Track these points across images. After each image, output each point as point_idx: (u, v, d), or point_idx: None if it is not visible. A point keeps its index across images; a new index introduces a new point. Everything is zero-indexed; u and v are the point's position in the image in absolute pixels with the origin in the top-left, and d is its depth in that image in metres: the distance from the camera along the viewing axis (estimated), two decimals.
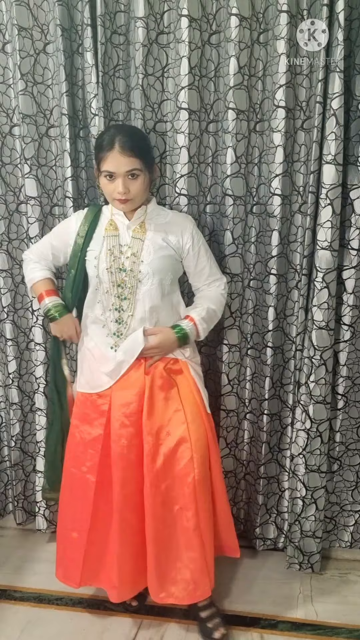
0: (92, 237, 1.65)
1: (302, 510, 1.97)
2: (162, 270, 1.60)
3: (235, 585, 1.96)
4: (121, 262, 1.60)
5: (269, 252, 1.87)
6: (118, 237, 1.62)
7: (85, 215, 1.68)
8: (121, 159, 1.49)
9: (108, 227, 1.64)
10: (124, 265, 1.59)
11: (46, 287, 1.73)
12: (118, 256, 1.60)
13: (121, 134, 1.51)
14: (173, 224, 1.66)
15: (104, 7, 1.74)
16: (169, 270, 1.63)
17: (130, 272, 1.59)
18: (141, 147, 1.54)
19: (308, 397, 1.89)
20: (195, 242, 1.66)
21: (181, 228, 1.66)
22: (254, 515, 2.11)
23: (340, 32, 1.61)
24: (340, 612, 1.85)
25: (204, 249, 1.69)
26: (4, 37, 1.87)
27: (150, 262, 1.59)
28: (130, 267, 1.59)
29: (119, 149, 1.49)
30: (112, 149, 1.49)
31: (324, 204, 1.73)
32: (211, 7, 1.78)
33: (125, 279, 1.59)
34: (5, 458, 2.27)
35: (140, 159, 1.52)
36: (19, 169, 1.96)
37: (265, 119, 1.83)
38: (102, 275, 1.61)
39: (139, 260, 1.59)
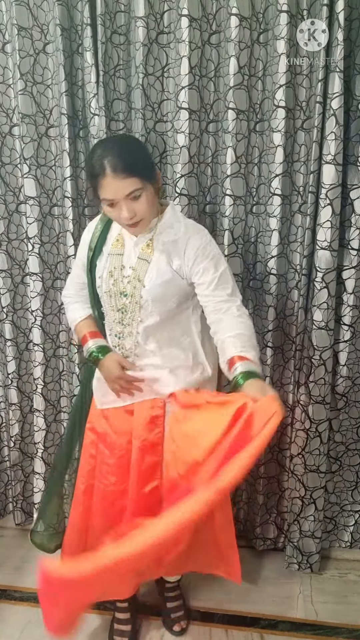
0: (101, 252, 1.52)
1: (301, 510, 1.97)
2: (164, 297, 1.44)
3: (235, 585, 1.96)
4: (123, 285, 1.46)
5: (269, 252, 1.87)
6: (122, 256, 1.48)
7: (95, 227, 1.55)
8: (116, 183, 1.31)
9: (115, 243, 1.50)
10: (125, 289, 1.46)
11: (89, 327, 1.58)
12: (119, 279, 1.47)
13: (109, 155, 1.31)
14: (180, 242, 1.44)
15: (104, 7, 1.73)
16: (172, 296, 1.45)
17: (132, 297, 1.45)
18: (135, 163, 1.34)
19: (307, 397, 1.89)
20: (198, 261, 1.42)
21: (185, 246, 1.43)
22: (254, 515, 2.11)
23: (340, 32, 1.61)
24: (340, 612, 1.85)
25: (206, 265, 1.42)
26: (4, 37, 1.86)
27: (150, 289, 1.42)
28: (131, 291, 1.45)
29: (112, 173, 1.30)
30: (105, 175, 1.31)
31: (323, 204, 1.73)
32: (211, 7, 1.78)
33: (126, 304, 1.46)
34: (5, 458, 2.27)
35: (138, 176, 1.32)
36: (19, 169, 1.96)
37: (265, 119, 1.82)
38: (102, 297, 1.51)
39: (141, 284, 1.43)
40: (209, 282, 1.42)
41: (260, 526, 2.10)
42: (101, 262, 1.51)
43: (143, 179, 1.34)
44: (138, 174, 1.33)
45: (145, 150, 1.49)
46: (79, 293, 1.64)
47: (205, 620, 1.80)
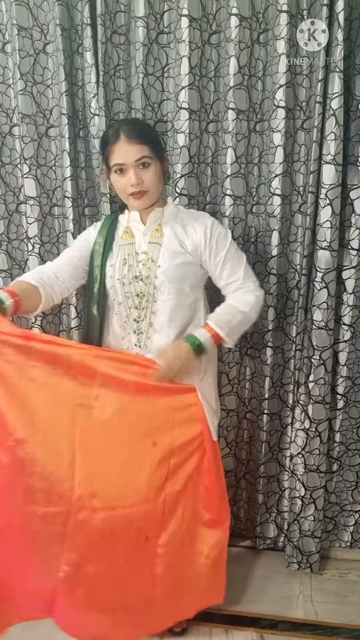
0: (110, 248, 1.57)
1: (301, 509, 1.97)
2: (179, 278, 1.50)
3: (235, 585, 1.96)
4: (138, 270, 1.51)
5: (269, 252, 1.87)
6: (134, 244, 1.54)
7: (102, 225, 1.62)
8: (129, 147, 1.43)
9: (124, 235, 1.57)
10: (141, 272, 1.51)
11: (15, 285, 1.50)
12: (134, 264, 1.52)
13: (125, 124, 1.46)
14: (189, 226, 1.54)
15: (104, 7, 1.73)
16: (187, 277, 1.51)
17: (147, 278, 1.50)
18: (147, 133, 1.48)
19: (307, 397, 1.89)
20: (209, 239, 1.51)
21: (195, 228, 1.53)
22: (254, 514, 2.11)
23: (340, 32, 1.61)
24: (340, 612, 1.85)
25: (219, 245, 1.51)
26: (4, 37, 1.86)
27: (166, 270, 1.49)
28: (147, 273, 1.50)
29: (125, 138, 1.43)
30: (118, 140, 1.43)
31: (323, 204, 1.73)
32: (211, 7, 1.78)
33: (143, 288, 1.51)
34: None
35: (148, 145, 1.44)
36: (19, 169, 1.96)
37: (265, 119, 1.83)
38: (116, 285, 1.53)
39: (156, 265, 1.49)
40: (217, 262, 1.52)
41: (260, 525, 2.10)
42: (112, 254, 1.56)
43: (153, 150, 1.45)
44: (149, 143, 1.45)
45: (158, 133, 1.66)
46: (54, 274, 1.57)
47: (205, 620, 1.80)
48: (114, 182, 1.50)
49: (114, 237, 1.58)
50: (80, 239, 1.66)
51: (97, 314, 1.59)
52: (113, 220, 1.61)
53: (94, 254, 1.58)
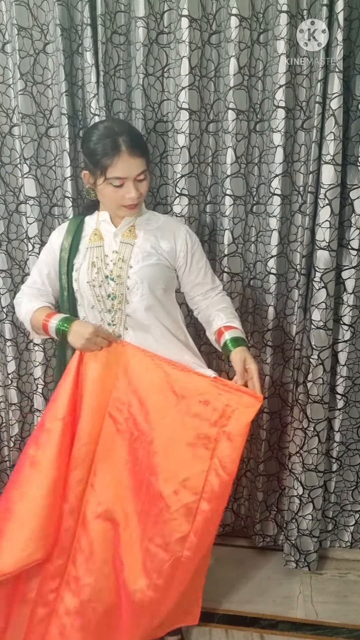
0: (77, 250, 1.51)
1: (299, 508, 1.97)
2: (152, 279, 1.46)
3: (235, 585, 1.96)
4: (109, 270, 1.46)
5: (269, 251, 1.87)
6: (102, 247, 1.48)
7: (67, 229, 1.55)
8: (132, 161, 1.36)
9: (92, 237, 1.50)
10: (112, 272, 1.46)
11: (46, 312, 1.53)
12: (102, 267, 1.46)
13: (124, 133, 1.37)
14: (165, 230, 1.52)
15: (104, 7, 1.73)
16: (159, 278, 1.48)
17: (119, 278, 1.45)
18: (145, 144, 1.45)
19: (305, 397, 1.89)
20: (190, 247, 1.52)
21: (174, 233, 1.51)
22: (254, 512, 2.11)
23: (340, 32, 1.61)
24: (340, 612, 1.85)
25: (199, 254, 1.55)
26: (4, 37, 1.86)
27: (139, 270, 1.45)
28: (118, 273, 1.45)
29: (128, 151, 1.35)
30: (120, 153, 1.35)
31: (322, 204, 1.73)
32: (211, 7, 1.78)
33: (115, 289, 1.46)
34: (5, 458, 2.27)
35: (146, 157, 1.41)
36: (19, 169, 1.96)
37: (265, 119, 1.83)
38: (84, 289, 1.48)
39: (127, 265, 1.45)
40: (200, 268, 1.55)
41: (259, 523, 2.10)
42: (79, 258, 1.50)
43: (147, 161, 1.42)
44: (147, 155, 1.42)
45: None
46: (34, 292, 1.59)
47: (205, 620, 1.80)
48: (106, 193, 1.42)
49: (80, 240, 1.52)
50: (45, 253, 1.58)
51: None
52: (79, 223, 1.55)
53: (61, 262, 1.52)
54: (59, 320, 1.48)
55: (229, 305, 1.58)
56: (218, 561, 2.08)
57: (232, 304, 1.61)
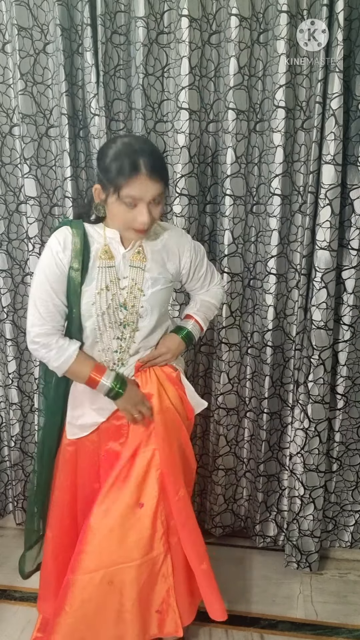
0: (87, 269, 1.38)
1: (300, 509, 1.97)
2: (160, 303, 1.45)
3: (235, 585, 1.96)
4: (123, 298, 1.40)
5: (269, 251, 1.87)
6: (114, 267, 1.39)
7: (73, 243, 1.37)
8: (149, 184, 1.28)
9: (103, 255, 1.38)
10: (125, 301, 1.40)
11: (90, 364, 1.42)
12: (117, 293, 1.39)
13: (146, 154, 1.27)
14: (170, 249, 1.46)
15: (104, 7, 1.74)
16: (166, 300, 1.49)
17: (132, 307, 1.40)
18: (166, 168, 1.35)
19: (306, 397, 1.89)
20: (193, 261, 1.50)
21: (179, 252, 1.48)
22: (254, 513, 2.11)
23: (340, 32, 1.61)
24: (340, 612, 1.85)
25: (201, 264, 1.54)
26: (4, 37, 1.87)
27: (149, 297, 1.41)
28: (132, 302, 1.40)
29: (148, 174, 1.27)
30: (139, 173, 1.26)
31: (323, 204, 1.73)
32: (211, 7, 1.78)
33: (127, 317, 1.41)
34: (5, 458, 2.27)
35: (164, 183, 1.32)
36: (19, 169, 1.96)
37: (265, 119, 1.83)
38: (99, 314, 1.39)
39: (141, 293, 1.40)
40: (199, 277, 1.57)
41: (260, 523, 2.10)
42: (91, 279, 1.38)
43: (165, 187, 1.34)
44: (165, 181, 1.33)
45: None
46: (58, 324, 1.42)
47: (205, 620, 1.79)
48: (117, 212, 1.33)
49: (89, 257, 1.39)
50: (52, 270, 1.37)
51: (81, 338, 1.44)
52: (82, 234, 1.38)
53: (71, 281, 1.37)
54: (112, 381, 1.42)
55: (210, 298, 1.61)
56: (218, 561, 2.08)
57: (218, 295, 1.63)
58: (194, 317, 1.57)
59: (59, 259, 1.36)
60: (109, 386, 1.41)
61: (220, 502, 2.13)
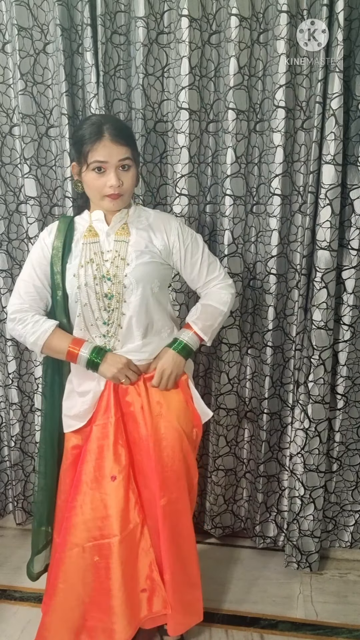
0: (70, 249, 1.47)
1: (300, 509, 1.97)
2: (147, 277, 1.45)
3: (235, 585, 1.96)
4: (105, 269, 1.43)
5: (269, 251, 1.87)
6: (99, 243, 1.46)
7: (57, 228, 1.50)
8: (113, 147, 1.36)
9: (87, 233, 1.47)
10: (109, 272, 1.43)
11: (67, 338, 1.46)
12: (101, 264, 1.44)
13: (108, 122, 1.38)
14: (157, 226, 1.50)
15: (104, 7, 1.74)
16: (154, 277, 1.46)
17: (115, 277, 1.43)
18: (131, 135, 1.45)
19: (307, 397, 1.89)
20: (183, 241, 1.49)
21: (165, 228, 1.49)
22: (254, 513, 2.11)
23: (340, 32, 1.61)
24: (340, 612, 1.85)
25: (193, 247, 1.52)
26: (4, 37, 1.87)
27: (134, 268, 1.43)
28: (114, 272, 1.43)
29: (110, 137, 1.36)
30: (102, 138, 1.36)
31: (323, 204, 1.73)
32: (211, 7, 1.78)
33: (111, 288, 1.43)
34: (5, 458, 2.27)
35: (130, 148, 1.40)
36: (19, 169, 1.96)
37: (265, 119, 1.83)
38: (82, 286, 1.43)
39: (125, 263, 1.43)
40: (194, 262, 1.53)
41: (260, 524, 2.10)
42: (73, 256, 1.46)
43: (133, 153, 1.42)
44: (132, 145, 1.42)
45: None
46: (37, 306, 1.49)
47: (205, 620, 1.79)
48: (89, 181, 1.41)
49: (72, 239, 1.48)
50: (37, 254, 1.50)
51: (67, 322, 1.50)
52: (69, 222, 1.51)
53: (53, 260, 1.47)
54: (90, 351, 1.44)
55: (213, 302, 1.55)
56: (218, 561, 2.08)
57: (223, 297, 1.55)
58: (192, 328, 1.52)
59: (44, 243, 1.49)
60: (87, 357, 1.44)
61: (220, 502, 2.13)
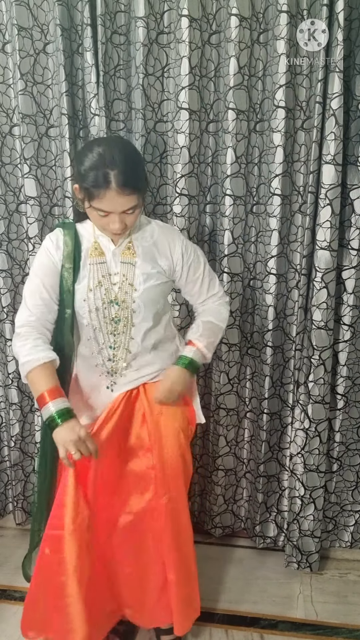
0: (78, 267, 1.42)
1: (300, 509, 1.97)
2: (155, 300, 1.44)
3: (235, 585, 1.96)
4: (114, 293, 1.42)
5: (269, 251, 1.87)
6: (106, 264, 1.42)
7: (64, 242, 1.42)
8: (119, 199, 1.28)
9: (93, 252, 1.42)
10: (117, 297, 1.41)
11: (48, 382, 1.37)
12: (109, 288, 1.42)
13: (116, 168, 1.26)
14: (161, 245, 1.47)
15: (104, 7, 1.74)
16: (160, 297, 1.47)
17: (123, 302, 1.41)
18: (140, 179, 1.33)
19: (307, 397, 1.89)
20: (187, 259, 1.48)
21: (170, 245, 1.47)
22: (254, 513, 2.11)
23: (340, 32, 1.61)
24: (340, 612, 1.85)
25: (195, 264, 1.51)
26: (4, 37, 1.87)
27: (142, 293, 1.42)
28: (123, 297, 1.41)
29: (117, 189, 1.26)
30: (108, 188, 1.26)
31: (323, 204, 1.73)
32: (211, 7, 1.78)
33: (119, 312, 1.42)
34: (5, 458, 2.27)
35: (138, 194, 1.31)
36: (19, 169, 1.96)
37: (265, 119, 1.83)
38: (92, 310, 1.41)
39: (132, 288, 1.41)
40: (196, 279, 1.53)
41: (260, 524, 2.10)
42: (83, 276, 1.42)
43: (140, 195, 1.34)
44: (139, 191, 1.32)
45: (144, 164, 1.51)
46: (45, 319, 1.43)
47: (205, 620, 1.80)
48: (91, 216, 1.36)
49: (80, 256, 1.43)
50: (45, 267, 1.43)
51: (74, 339, 1.48)
52: (74, 234, 1.44)
53: (63, 279, 1.42)
54: (57, 410, 1.35)
55: (214, 319, 1.55)
56: (218, 561, 2.08)
57: (222, 314, 1.58)
58: (196, 345, 1.52)
59: (51, 255, 1.42)
60: (52, 413, 1.34)
61: (220, 502, 2.13)
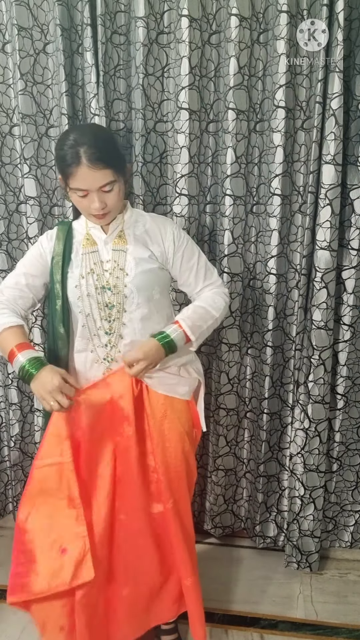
0: (70, 258, 1.45)
1: (300, 509, 1.97)
2: (148, 286, 1.44)
3: (235, 585, 1.97)
4: (105, 279, 1.42)
5: (269, 251, 1.87)
6: (97, 252, 1.44)
7: (56, 235, 1.48)
8: (91, 173, 1.30)
9: (85, 242, 1.46)
10: (108, 282, 1.42)
11: (17, 339, 1.38)
12: (101, 274, 1.43)
13: (85, 144, 1.29)
14: (153, 232, 1.48)
15: (104, 7, 1.74)
16: (154, 283, 1.45)
17: (115, 288, 1.42)
18: (110, 153, 1.33)
19: (307, 397, 1.89)
20: (178, 246, 1.48)
21: (161, 232, 1.48)
22: (254, 513, 2.11)
23: (340, 32, 1.61)
24: (340, 612, 1.85)
25: (189, 252, 1.50)
26: (4, 37, 1.87)
27: (134, 278, 1.42)
28: (114, 283, 1.42)
29: (88, 163, 1.28)
30: (79, 164, 1.29)
31: (323, 204, 1.73)
32: (211, 7, 1.78)
33: (112, 298, 1.42)
34: (5, 458, 2.27)
35: (112, 168, 1.32)
36: (19, 169, 1.96)
37: (265, 119, 1.83)
38: (85, 297, 1.43)
39: (124, 273, 1.42)
40: (191, 267, 1.51)
41: (260, 524, 2.10)
42: (74, 265, 1.45)
43: (116, 171, 1.34)
44: (113, 165, 1.33)
45: (118, 142, 1.52)
46: (14, 302, 1.46)
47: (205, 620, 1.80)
48: (74, 200, 1.39)
49: (71, 247, 1.47)
50: (33, 256, 1.49)
51: (65, 331, 1.48)
52: (68, 229, 1.49)
53: (54, 269, 1.45)
54: (28, 360, 1.34)
55: (207, 305, 1.50)
56: (218, 561, 2.08)
57: (217, 302, 1.51)
58: (180, 325, 1.44)
59: (42, 247, 1.49)
60: (23, 363, 1.33)
61: (220, 502, 2.13)
